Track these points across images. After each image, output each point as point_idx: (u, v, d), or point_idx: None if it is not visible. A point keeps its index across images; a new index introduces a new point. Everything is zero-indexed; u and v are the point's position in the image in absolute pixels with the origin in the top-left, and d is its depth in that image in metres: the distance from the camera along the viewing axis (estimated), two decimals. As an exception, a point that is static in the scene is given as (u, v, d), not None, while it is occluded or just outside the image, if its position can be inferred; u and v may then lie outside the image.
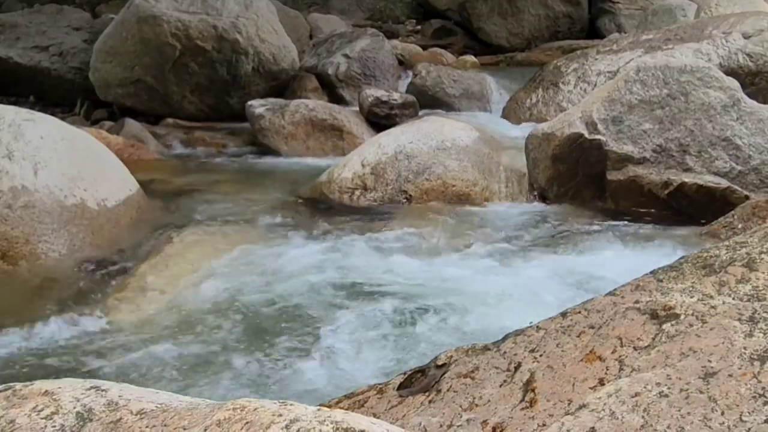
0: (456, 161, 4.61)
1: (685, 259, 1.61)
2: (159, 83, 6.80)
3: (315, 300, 3.11)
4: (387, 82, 7.52)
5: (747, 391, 1.20)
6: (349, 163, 4.70)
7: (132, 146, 5.85)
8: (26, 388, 1.24)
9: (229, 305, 3.09)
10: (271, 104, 6.29)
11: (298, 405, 1.03)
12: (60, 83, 7.50)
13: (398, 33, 10.41)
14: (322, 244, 3.77)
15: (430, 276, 3.33)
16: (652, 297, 1.49)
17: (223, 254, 3.60)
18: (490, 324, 2.79)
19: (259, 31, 6.90)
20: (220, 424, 1.02)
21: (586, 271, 3.30)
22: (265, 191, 4.88)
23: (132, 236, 3.85)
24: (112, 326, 2.95)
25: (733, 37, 6.28)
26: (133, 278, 3.33)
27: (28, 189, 3.53)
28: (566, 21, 10.42)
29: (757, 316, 1.35)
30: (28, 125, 3.75)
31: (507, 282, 3.22)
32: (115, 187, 4.00)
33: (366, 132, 6.12)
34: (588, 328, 1.48)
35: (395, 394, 1.55)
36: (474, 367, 1.51)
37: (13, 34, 7.67)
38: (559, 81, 6.65)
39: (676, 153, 4.05)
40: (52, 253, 3.46)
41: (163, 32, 6.54)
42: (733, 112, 4.05)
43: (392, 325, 2.85)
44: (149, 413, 1.13)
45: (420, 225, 3.99)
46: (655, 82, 4.20)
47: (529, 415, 1.32)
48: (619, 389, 1.28)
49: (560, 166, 4.31)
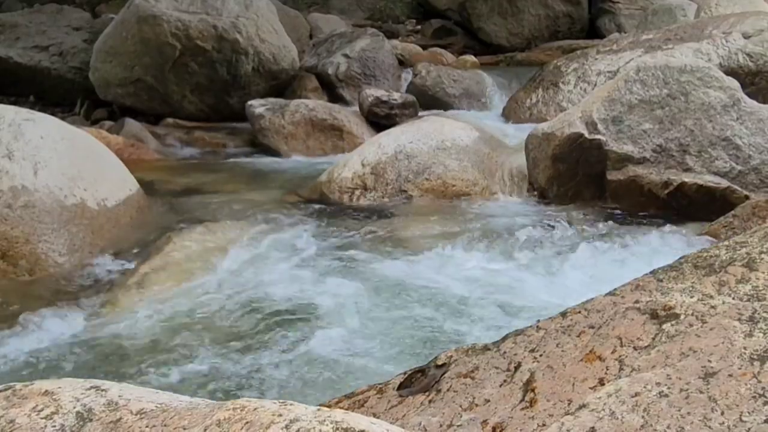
0: (456, 161, 4.61)
1: (685, 258, 1.61)
2: (159, 83, 6.80)
3: (315, 299, 3.11)
4: (387, 82, 7.52)
5: (747, 391, 1.20)
6: (349, 162, 4.70)
7: (132, 146, 5.85)
8: (26, 387, 1.24)
9: (229, 305, 3.09)
10: (271, 104, 6.29)
11: (298, 405, 1.03)
12: (60, 83, 7.50)
13: (398, 33, 10.40)
14: (322, 244, 3.77)
15: (430, 276, 3.33)
16: (652, 297, 1.49)
17: (223, 254, 3.60)
18: (490, 323, 2.79)
19: (259, 30, 6.90)
20: (220, 424, 1.02)
21: (586, 270, 3.31)
22: (265, 191, 4.88)
23: (132, 236, 3.85)
24: (111, 326, 2.95)
25: (733, 37, 6.28)
26: (133, 278, 3.33)
27: (28, 189, 3.53)
28: (566, 21, 10.42)
29: (757, 316, 1.35)
30: (28, 125, 3.75)
31: (506, 282, 3.22)
32: (115, 186, 4.00)
33: (366, 132, 6.12)
34: (588, 327, 1.48)
35: (395, 394, 1.55)
36: (474, 366, 1.51)
37: (13, 33, 7.67)
38: (559, 81, 6.65)
39: (676, 153, 4.05)
40: (52, 253, 3.46)
41: (163, 32, 6.54)
42: (733, 112, 4.05)
43: (392, 324, 2.85)
44: (149, 413, 1.13)
45: (420, 225, 3.99)
46: (655, 82, 4.20)
47: (529, 415, 1.32)
48: (619, 389, 1.28)
49: (560, 166, 4.32)
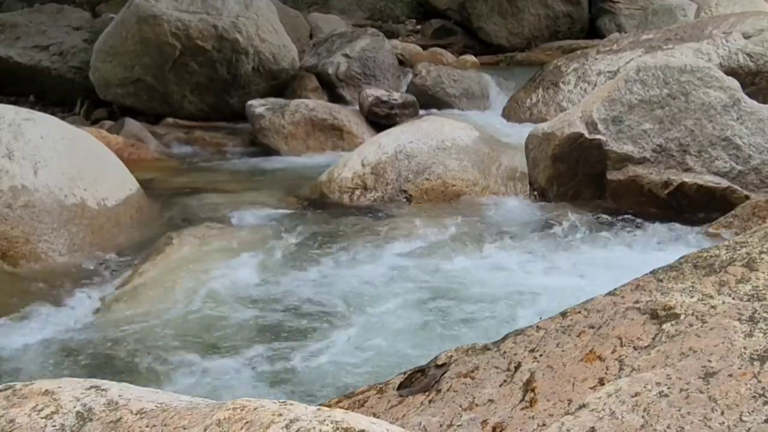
0: (456, 161, 4.61)
1: (685, 258, 1.61)
2: (159, 83, 6.80)
3: (314, 299, 3.11)
4: (387, 81, 7.51)
5: (747, 391, 1.20)
6: (349, 162, 4.70)
7: (132, 146, 5.85)
8: (26, 387, 1.24)
9: (229, 304, 3.09)
10: (271, 104, 6.29)
11: (298, 405, 1.03)
12: (60, 83, 7.49)
13: (398, 33, 10.40)
14: (322, 244, 3.77)
15: (430, 276, 3.33)
16: (652, 297, 1.49)
17: (222, 254, 3.60)
18: (491, 323, 2.79)
19: (259, 30, 6.89)
20: (220, 423, 1.02)
21: (586, 271, 3.31)
22: (264, 191, 4.88)
23: (132, 236, 3.85)
24: (111, 326, 2.94)
25: (733, 37, 6.28)
26: (133, 278, 3.33)
27: (28, 188, 3.53)
28: (566, 21, 10.41)
29: (757, 315, 1.35)
30: (28, 125, 3.75)
31: (506, 282, 3.22)
32: (115, 186, 4.00)
33: (366, 132, 6.12)
34: (588, 327, 1.48)
35: (395, 394, 1.55)
36: (474, 366, 1.51)
37: (13, 33, 7.66)
38: (559, 81, 6.64)
39: (676, 153, 4.05)
40: (52, 253, 3.46)
41: (163, 32, 6.53)
42: (733, 112, 4.05)
43: (391, 323, 2.85)
44: (149, 413, 1.13)
45: (420, 225, 3.99)
46: (655, 81, 4.20)
47: (529, 414, 1.32)
48: (619, 389, 1.28)
49: (560, 166, 4.31)
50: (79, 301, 3.16)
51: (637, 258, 3.38)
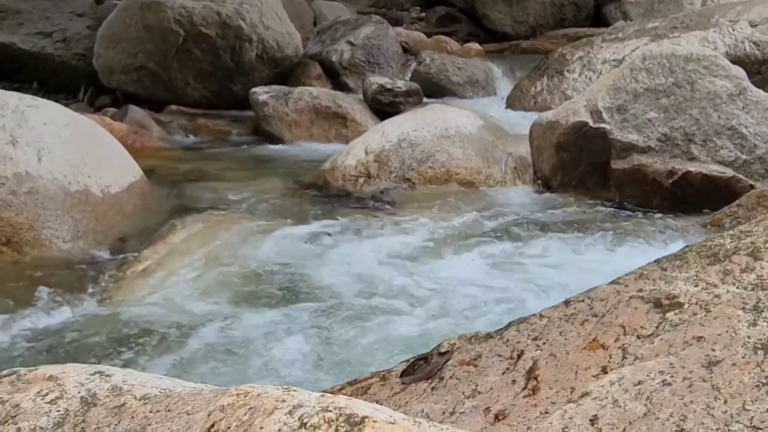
0: (460, 149, 4.60)
1: (690, 248, 1.61)
2: (162, 70, 6.78)
3: (318, 287, 3.12)
4: (391, 69, 7.48)
5: (750, 380, 1.20)
6: (353, 150, 4.70)
7: (135, 133, 5.84)
8: (30, 373, 1.24)
9: (233, 292, 3.10)
10: (274, 91, 6.27)
11: (302, 391, 1.03)
12: (63, 69, 7.48)
13: (402, 20, 10.35)
14: (325, 232, 3.77)
15: (433, 263, 3.33)
16: (656, 286, 1.48)
17: (226, 241, 3.60)
18: (491, 311, 2.79)
19: (262, 17, 6.87)
20: (223, 409, 1.02)
21: (590, 259, 3.30)
22: (268, 179, 4.88)
23: (136, 223, 3.85)
24: (115, 312, 2.95)
25: (739, 26, 6.24)
26: (137, 265, 3.34)
27: (32, 175, 3.53)
28: (572, 8, 10.35)
29: (761, 305, 1.35)
30: (31, 111, 3.75)
31: (509, 270, 3.22)
32: (118, 173, 4.00)
33: (370, 120, 6.10)
34: (591, 316, 1.48)
35: (398, 381, 1.55)
36: (477, 354, 1.51)
37: (17, 20, 7.64)
38: (564, 69, 6.61)
39: (681, 142, 4.03)
40: (55, 240, 3.47)
41: (167, 18, 6.51)
42: (738, 101, 4.03)
43: (393, 311, 2.85)
44: (153, 398, 1.14)
45: (423, 213, 3.99)
46: (660, 70, 4.17)
47: (531, 402, 1.32)
48: (622, 377, 1.28)
49: (564, 155, 4.30)
50: (82, 287, 3.17)
51: (640, 247, 3.37)
